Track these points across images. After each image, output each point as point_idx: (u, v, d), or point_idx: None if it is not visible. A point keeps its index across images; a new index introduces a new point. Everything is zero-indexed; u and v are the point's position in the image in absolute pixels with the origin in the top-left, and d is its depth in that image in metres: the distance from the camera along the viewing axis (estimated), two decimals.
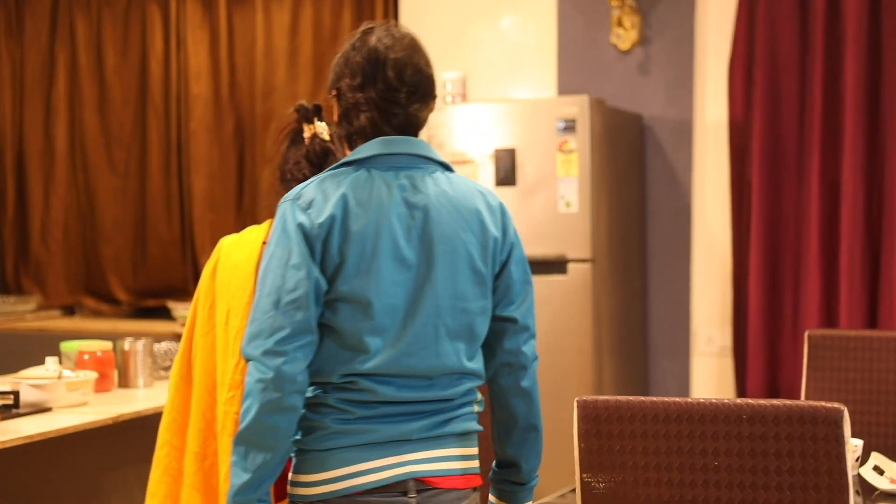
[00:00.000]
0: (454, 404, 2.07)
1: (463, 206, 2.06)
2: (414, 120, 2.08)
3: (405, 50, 2.07)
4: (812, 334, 3.43)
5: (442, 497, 2.04)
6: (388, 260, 2.00)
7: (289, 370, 1.95)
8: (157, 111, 5.89)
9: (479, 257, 2.05)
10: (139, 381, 3.46)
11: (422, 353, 2.01)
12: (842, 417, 1.86)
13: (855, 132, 4.24)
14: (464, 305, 2.04)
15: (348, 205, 2.00)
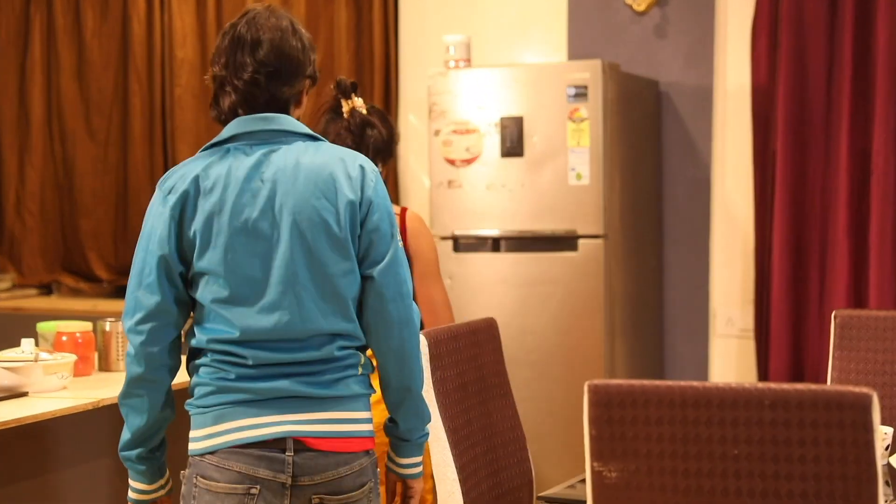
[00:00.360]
0: (334, 366, 2.28)
1: (317, 175, 2.27)
2: (279, 101, 2.32)
3: (268, 32, 2.31)
4: (839, 314, 3.43)
5: (319, 460, 2.25)
6: (240, 234, 2.24)
7: (149, 349, 2.28)
8: (139, 76, 5.88)
9: (334, 222, 2.26)
10: (121, 365, 3.46)
11: (287, 318, 2.24)
12: (870, 403, 1.86)
13: (887, 98, 4.22)
14: (323, 269, 2.26)
15: (199, 185, 2.26)
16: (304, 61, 2.34)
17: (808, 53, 4.40)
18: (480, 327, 3.00)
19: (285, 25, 2.33)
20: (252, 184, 2.26)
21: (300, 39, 2.34)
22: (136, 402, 2.34)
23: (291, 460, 2.24)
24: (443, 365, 2.76)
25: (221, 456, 2.25)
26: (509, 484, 2.95)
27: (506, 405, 3.03)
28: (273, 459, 2.23)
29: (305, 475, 2.25)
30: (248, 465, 2.24)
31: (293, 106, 2.37)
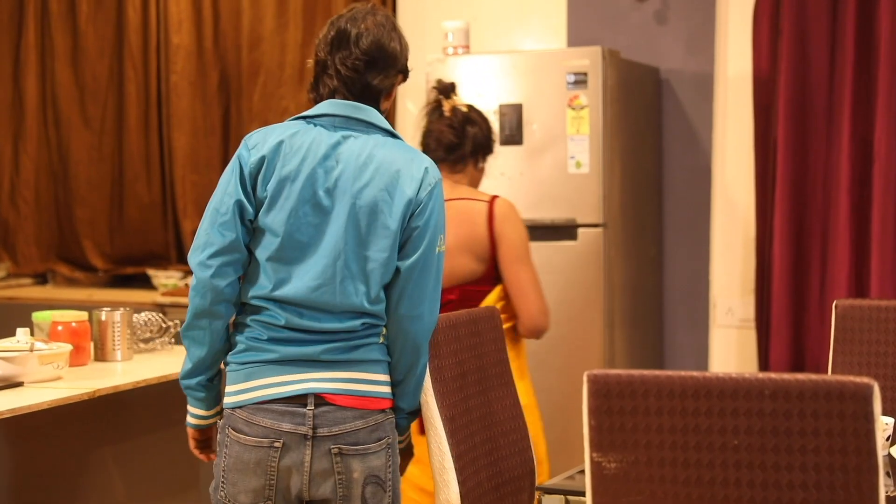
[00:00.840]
0: (356, 335, 2.52)
1: (384, 168, 2.51)
2: (373, 89, 2.58)
3: (371, 26, 2.57)
4: (840, 304, 3.43)
5: (337, 414, 2.49)
6: (305, 202, 2.49)
7: (215, 282, 2.50)
8: (134, 63, 5.87)
9: (388, 213, 2.50)
10: (117, 354, 3.47)
11: (325, 288, 2.48)
12: (871, 393, 1.86)
13: (889, 86, 4.22)
14: (366, 253, 2.50)
15: (281, 150, 2.51)
16: (399, 56, 2.61)
17: (810, 40, 4.40)
18: (481, 316, 3.00)
19: (385, 22, 2.60)
20: (328, 161, 2.51)
21: (398, 37, 2.62)
22: (199, 334, 2.56)
23: (312, 413, 2.48)
24: (440, 354, 2.76)
25: (250, 411, 2.49)
26: (510, 473, 2.96)
27: (507, 395, 3.03)
28: (295, 413, 2.47)
29: (324, 427, 2.48)
30: (273, 419, 2.47)
31: (384, 97, 2.62)
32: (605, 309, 4.40)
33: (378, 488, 2.54)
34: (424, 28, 5.30)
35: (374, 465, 2.53)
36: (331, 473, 2.50)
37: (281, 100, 5.58)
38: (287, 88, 5.56)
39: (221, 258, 2.50)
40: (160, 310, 4.90)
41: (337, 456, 2.50)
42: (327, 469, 2.50)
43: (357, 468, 2.51)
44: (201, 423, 2.68)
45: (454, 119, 3.31)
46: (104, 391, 3.08)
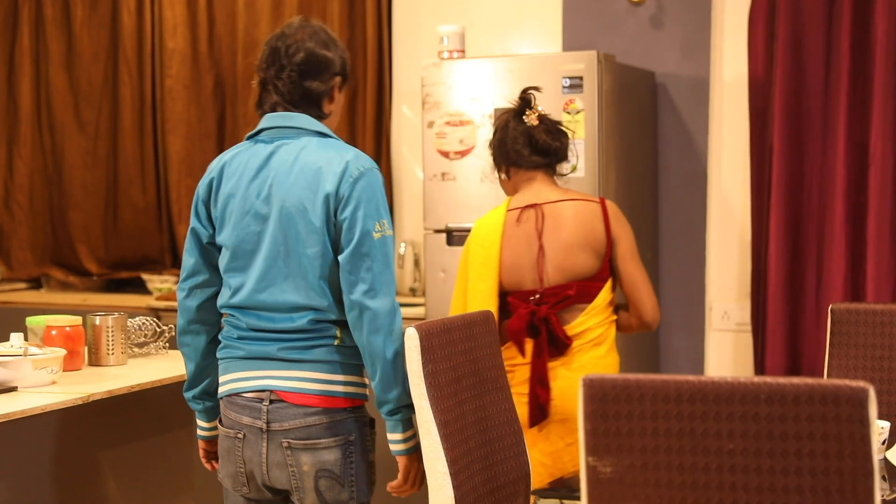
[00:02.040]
0: (310, 335, 2.69)
1: (308, 167, 2.68)
2: (311, 95, 2.75)
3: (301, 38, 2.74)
4: (836, 308, 3.44)
5: (290, 410, 2.69)
6: (246, 214, 2.71)
7: (187, 303, 2.85)
8: (129, 67, 5.87)
9: (311, 210, 2.65)
10: (111, 359, 3.46)
11: (269, 289, 2.70)
12: (867, 397, 1.86)
13: (885, 90, 4.23)
14: (300, 251, 2.67)
15: (224, 171, 2.78)
16: (332, 62, 2.76)
17: (806, 45, 4.40)
18: (476, 320, 3.00)
19: (316, 31, 2.77)
20: (262, 172, 2.72)
21: (330, 44, 2.77)
22: (186, 350, 2.88)
23: (266, 409, 2.70)
24: (435, 358, 2.76)
25: (224, 403, 2.78)
26: (505, 478, 2.96)
27: (502, 399, 3.03)
28: (253, 408, 2.71)
29: (276, 421, 2.69)
30: (237, 413, 2.74)
31: (326, 101, 2.78)
32: None
33: (333, 482, 2.70)
34: (420, 32, 5.30)
35: (326, 459, 2.69)
36: (284, 465, 2.70)
37: None
38: None
39: (189, 281, 2.84)
40: (155, 314, 4.90)
41: (287, 449, 2.69)
42: (281, 461, 2.70)
43: (307, 462, 2.68)
44: (203, 433, 2.95)
45: (549, 125, 3.42)
46: (98, 396, 3.08)
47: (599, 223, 3.34)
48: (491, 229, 3.34)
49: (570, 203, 3.35)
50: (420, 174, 5.09)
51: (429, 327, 2.78)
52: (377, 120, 5.40)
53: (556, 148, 3.41)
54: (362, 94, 5.41)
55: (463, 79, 4.56)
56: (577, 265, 3.31)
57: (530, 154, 3.39)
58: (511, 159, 3.42)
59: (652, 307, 3.36)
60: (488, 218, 3.39)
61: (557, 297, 3.27)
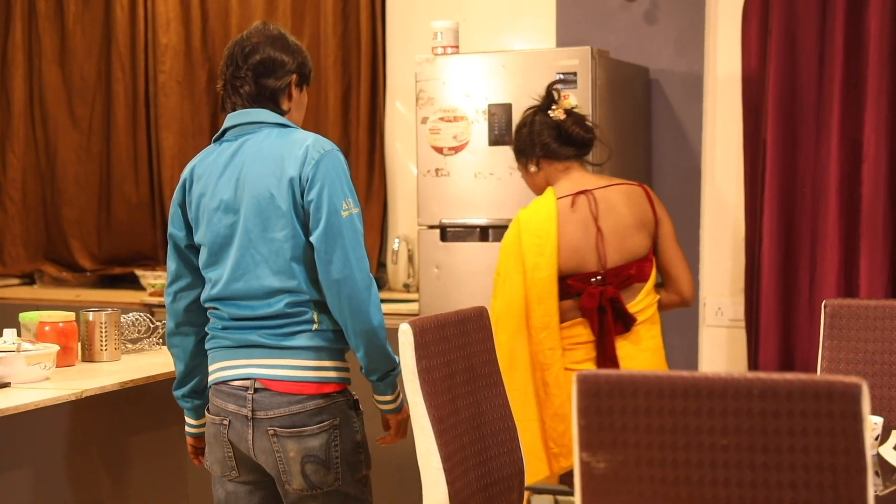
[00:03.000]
0: (289, 322, 2.79)
1: (271, 156, 2.79)
2: (267, 91, 2.87)
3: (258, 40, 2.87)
4: (829, 303, 3.44)
5: (274, 398, 2.79)
6: (216, 210, 2.83)
7: (175, 306, 2.97)
8: (122, 62, 5.86)
9: (277, 195, 2.76)
10: (104, 355, 3.46)
11: (244, 277, 2.81)
12: (860, 392, 1.86)
13: (878, 86, 4.23)
14: (270, 236, 2.78)
15: (193, 174, 2.91)
16: (286, 61, 2.88)
17: (799, 40, 4.40)
18: (470, 316, 3.01)
19: (272, 34, 2.90)
20: (228, 169, 2.84)
21: (286, 45, 2.89)
22: (175, 351, 2.99)
23: (251, 397, 2.80)
24: (428, 354, 2.76)
25: (212, 391, 2.89)
26: (499, 473, 2.96)
27: (496, 394, 3.04)
28: (238, 396, 2.81)
29: (262, 410, 2.79)
30: (222, 400, 2.84)
31: (284, 98, 2.89)
32: None
33: (318, 466, 2.80)
34: (413, 28, 5.29)
35: (312, 445, 2.79)
36: (271, 452, 2.79)
37: None
38: None
39: (174, 286, 2.96)
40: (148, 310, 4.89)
41: (273, 437, 2.78)
42: (267, 448, 2.79)
43: (293, 448, 2.78)
44: (192, 431, 3.07)
45: (577, 118, 3.57)
46: (91, 392, 3.08)
47: (647, 205, 3.55)
48: (544, 217, 3.46)
49: (616, 188, 3.54)
50: (414, 170, 5.09)
51: (422, 323, 2.78)
52: (371, 116, 5.40)
53: (590, 139, 3.58)
54: (356, 90, 5.41)
55: (457, 74, 4.56)
56: (634, 245, 3.51)
57: (561, 146, 3.55)
58: (543, 152, 3.58)
59: (691, 284, 3.61)
60: (538, 208, 3.50)
61: (620, 278, 3.46)
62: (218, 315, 2.87)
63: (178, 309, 2.96)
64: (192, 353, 2.98)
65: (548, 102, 3.60)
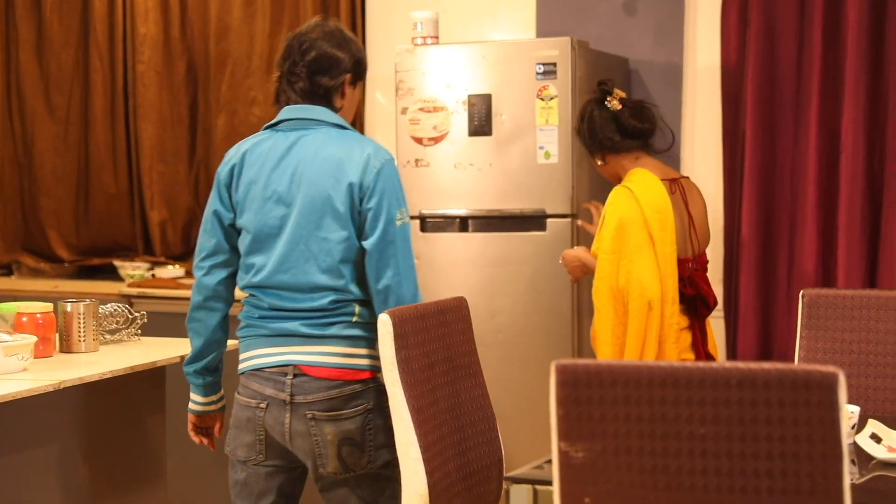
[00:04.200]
0: (329, 314, 2.87)
1: (331, 159, 2.87)
2: (321, 89, 2.93)
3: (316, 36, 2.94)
4: (807, 293, 3.46)
5: (312, 383, 2.87)
6: (268, 200, 2.90)
7: (206, 280, 3.00)
8: (100, 52, 5.82)
9: (336, 198, 2.85)
10: (83, 346, 3.45)
11: (292, 270, 2.88)
12: (837, 382, 1.87)
13: (856, 77, 4.25)
14: (323, 235, 2.86)
15: (245, 159, 2.95)
16: (342, 60, 2.94)
17: (778, 31, 4.42)
18: (449, 307, 3.01)
19: (331, 31, 2.97)
20: (283, 161, 2.90)
21: (344, 43, 2.96)
22: (197, 326, 3.03)
23: (290, 382, 2.87)
24: (408, 344, 2.76)
25: (246, 376, 2.94)
26: (478, 463, 2.97)
27: (475, 385, 3.04)
28: (277, 381, 2.88)
29: (300, 394, 2.86)
30: (260, 384, 2.90)
31: (337, 96, 2.96)
32: (574, 299, 4.41)
33: (354, 449, 2.88)
34: (393, 18, 5.28)
35: (348, 428, 2.86)
36: (308, 435, 2.86)
37: (249, 90, 5.55)
38: (255, 79, 5.53)
39: (210, 260, 2.98)
40: (127, 301, 4.88)
41: (311, 420, 2.85)
42: (304, 431, 2.86)
43: (330, 431, 2.85)
44: (197, 408, 3.13)
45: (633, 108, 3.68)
46: (69, 383, 3.06)
47: (703, 199, 3.78)
48: (658, 195, 3.56)
49: (690, 180, 3.78)
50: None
51: (402, 313, 2.78)
52: None
53: (647, 129, 3.68)
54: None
55: (437, 65, 4.55)
56: (707, 235, 3.76)
57: (623, 139, 3.66)
58: (606, 146, 3.69)
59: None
60: (649, 185, 3.58)
61: (703, 265, 3.68)
62: (255, 304, 2.94)
63: (209, 283, 2.99)
64: (213, 328, 3.02)
65: (602, 96, 3.69)
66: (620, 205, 3.58)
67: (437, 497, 2.76)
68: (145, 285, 5.24)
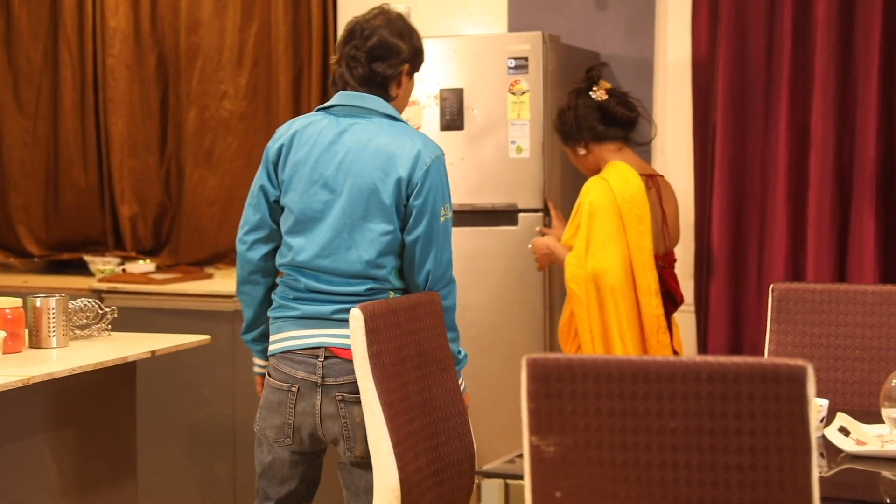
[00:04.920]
0: (363, 299, 2.91)
1: (381, 151, 2.93)
2: (378, 76, 2.99)
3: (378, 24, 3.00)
4: (777, 287, 3.48)
5: (343, 366, 2.92)
6: (314, 183, 2.96)
7: (249, 254, 3.08)
8: (70, 46, 5.78)
9: (383, 191, 2.91)
10: (52, 341, 3.43)
11: (332, 256, 2.94)
12: (805, 375, 1.89)
13: (825, 71, 4.27)
14: (367, 225, 2.93)
15: (294, 139, 3.00)
16: (401, 49, 3.01)
17: (749, 26, 4.43)
18: (421, 301, 3.01)
19: (393, 19, 3.04)
20: (334, 146, 2.95)
21: (404, 33, 3.03)
22: (244, 298, 3.14)
23: (321, 364, 2.93)
24: (379, 339, 2.76)
25: (277, 358, 3.00)
26: (450, 458, 2.97)
27: (446, 380, 3.04)
28: (308, 363, 2.94)
29: (331, 377, 2.92)
30: (291, 367, 2.96)
31: (393, 85, 3.03)
32: (546, 293, 4.42)
33: None
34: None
35: None
36: (337, 417, 2.92)
37: (220, 84, 5.53)
38: (226, 72, 5.51)
39: (253, 234, 3.06)
40: (97, 296, 4.85)
41: (341, 402, 2.91)
42: (334, 413, 2.92)
43: (359, 413, 2.86)
44: (261, 370, 3.21)
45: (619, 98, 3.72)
46: (39, 378, 3.04)
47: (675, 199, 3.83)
48: (636, 189, 3.59)
49: (664, 178, 3.81)
50: None
51: (373, 308, 2.78)
52: (322, 100, 5.37)
53: (634, 117, 3.73)
54: (307, 75, 5.38)
55: None
56: (678, 233, 3.81)
57: (608, 128, 3.69)
58: (590, 135, 3.71)
59: None
60: (628, 178, 3.61)
61: (671, 262, 3.74)
62: (290, 284, 3.00)
63: (252, 258, 3.08)
64: (260, 301, 3.12)
65: (588, 84, 3.70)
66: (594, 193, 3.61)
67: (409, 491, 2.76)
68: (116, 280, 5.22)
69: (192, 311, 4.95)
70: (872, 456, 2.64)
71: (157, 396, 4.85)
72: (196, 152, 5.59)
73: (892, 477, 2.54)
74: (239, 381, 4.86)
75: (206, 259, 5.62)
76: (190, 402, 4.96)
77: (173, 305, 5.00)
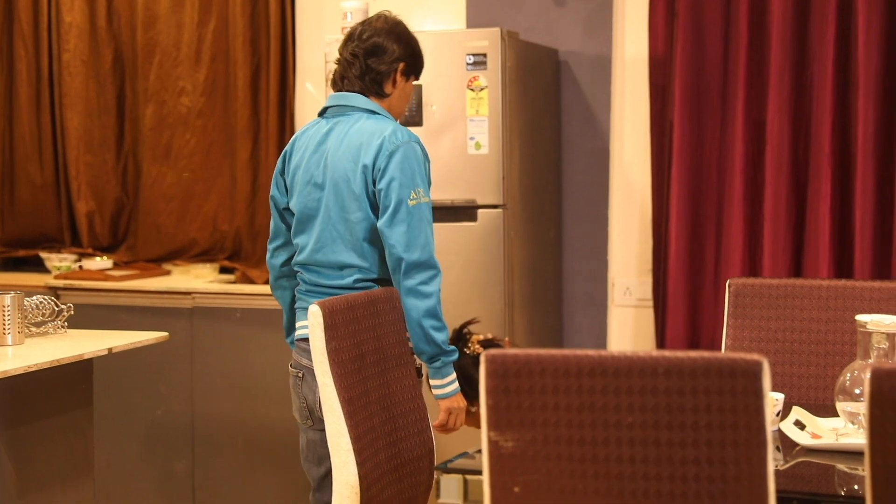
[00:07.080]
0: (351, 290, 3.05)
1: (352, 142, 3.09)
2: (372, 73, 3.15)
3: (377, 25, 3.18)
4: (734, 282, 3.50)
5: None
6: (307, 184, 3.14)
7: (272, 262, 3.32)
8: (25, 41, 5.72)
9: (353, 180, 3.07)
10: (8, 339, 3.39)
11: (323, 249, 3.11)
12: (761, 370, 1.90)
13: (780, 69, 4.31)
14: (346, 216, 3.09)
15: (293, 146, 3.21)
16: (397, 47, 3.15)
17: (705, 23, 4.46)
18: (380, 297, 3.00)
19: (391, 23, 3.20)
20: (321, 147, 3.13)
21: (401, 36, 3.18)
22: (279, 301, 3.35)
23: None
24: (338, 335, 2.75)
25: (295, 347, 3.19)
26: (409, 454, 2.97)
27: (406, 375, 3.04)
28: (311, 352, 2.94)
29: None
30: (300, 355, 3.13)
31: (388, 83, 3.17)
32: (505, 289, 4.42)
33: None
34: (323, 8, 5.26)
35: None
36: None
37: (178, 80, 5.49)
38: (184, 68, 5.47)
39: (273, 242, 3.28)
40: (53, 293, 4.81)
41: None
42: None
43: None
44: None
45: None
46: None
47: None
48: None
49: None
50: None
51: (332, 304, 2.78)
52: (280, 96, 5.35)
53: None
54: (265, 71, 5.35)
55: None
56: None
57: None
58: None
59: None
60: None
61: None
62: (303, 279, 3.19)
63: (274, 264, 3.30)
64: (290, 304, 3.30)
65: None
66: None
67: (369, 488, 2.75)
68: (72, 277, 5.17)
69: (149, 308, 4.92)
70: (827, 449, 2.66)
71: (114, 394, 4.81)
72: (154, 148, 5.55)
73: (846, 470, 2.56)
74: (197, 379, 4.83)
75: (164, 255, 5.58)
76: (148, 399, 4.93)
77: (131, 302, 4.97)
